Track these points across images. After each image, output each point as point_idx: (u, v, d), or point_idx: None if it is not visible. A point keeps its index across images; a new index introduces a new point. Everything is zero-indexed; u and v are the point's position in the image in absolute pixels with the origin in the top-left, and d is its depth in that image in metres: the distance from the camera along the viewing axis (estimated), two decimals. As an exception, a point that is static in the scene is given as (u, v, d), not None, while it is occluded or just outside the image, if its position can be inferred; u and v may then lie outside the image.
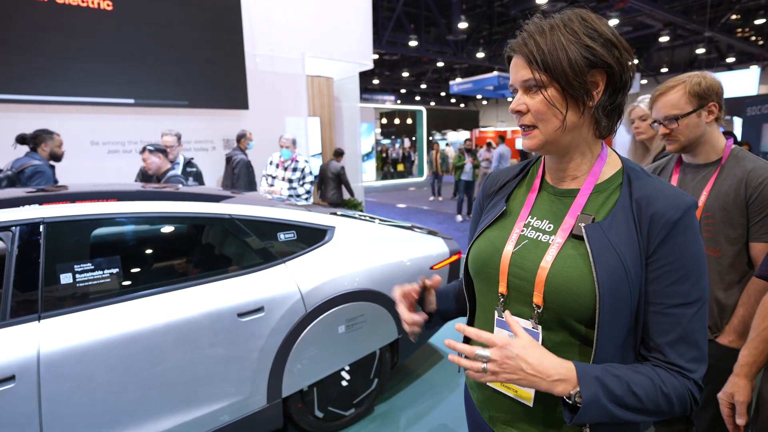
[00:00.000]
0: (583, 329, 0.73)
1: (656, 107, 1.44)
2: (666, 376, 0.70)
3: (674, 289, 0.70)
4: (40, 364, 1.41)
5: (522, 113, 0.76)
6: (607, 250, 0.71)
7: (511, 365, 0.67)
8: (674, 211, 0.70)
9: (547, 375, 0.67)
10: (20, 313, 1.44)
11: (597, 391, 0.67)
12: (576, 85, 0.71)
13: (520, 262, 0.79)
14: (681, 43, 18.23)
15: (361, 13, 6.85)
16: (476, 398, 0.93)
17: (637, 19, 14.70)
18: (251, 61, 5.65)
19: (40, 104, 4.30)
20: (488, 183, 0.98)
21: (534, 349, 0.69)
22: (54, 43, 4.26)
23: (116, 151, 4.81)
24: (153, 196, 2.00)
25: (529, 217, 0.84)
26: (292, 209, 2.29)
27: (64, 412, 1.45)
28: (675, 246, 0.70)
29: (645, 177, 0.77)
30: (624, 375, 0.69)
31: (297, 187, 4.53)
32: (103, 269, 1.63)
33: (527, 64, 0.73)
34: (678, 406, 0.70)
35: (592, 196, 0.78)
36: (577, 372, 0.68)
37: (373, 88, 25.06)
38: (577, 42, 0.70)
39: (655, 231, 0.71)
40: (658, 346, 0.72)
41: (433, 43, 16.43)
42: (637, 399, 0.68)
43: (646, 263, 0.72)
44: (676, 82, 1.39)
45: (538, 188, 0.86)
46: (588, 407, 0.66)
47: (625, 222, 0.73)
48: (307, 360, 2.04)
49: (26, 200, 1.68)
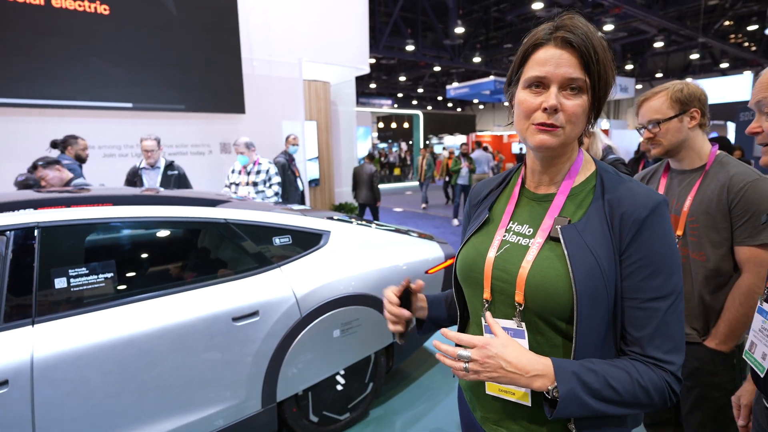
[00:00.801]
0: (564, 326, 0.76)
1: (641, 112, 1.49)
2: (644, 369, 0.72)
3: (647, 283, 0.73)
4: (33, 368, 1.41)
5: (556, 111, 0.73)
6: (582, 250, 0.74)
7: (491, 364, 0.71)
8: (642, 209, 0.73)
9: (525, 371, 0.70)
10: (14, 318, 1.44)
11: (574, 386, 0.69)
12: (604, 100, 0.76)
13: (503, 265, 0.82)
14: (675, 48, 18.42)
15: (357, 18, 6.89)
16: (469, 399, 0.94)
17: (632, 25, 14.84)
18: (248, 66, 5.67)
19: (38, 108, 4.30)
20: (474, 193, 1.01)
21: (512, 347, 0.72)
22: (51, 47, 4.26)
23: (112, 155, 4.80)
24: (148, 200, 2.00)
25: (510, 222, 0.87)
26: (288, 214, 2.30)
27: (58, 416, 1.45)
28: (644, 242, 0.73)
29: (617, 179, 0.80)
30: (601, 369, 0.72)
31: (264, 190, 4.32)
32: (97, 273, 1.63)
33: (581, 64, 0.72)
34: (657, 398, 0.72)
35: (569, 199, 0.81)
36: (554, 367, 0.71)
37: (371, 93, 25.14)
38: (612, 68, 0.75)
39: (626, 229, 0.74)
40: (635, 339, 0.74)
41: (430, 48, 16.51)
42: (614, 392, 0.70)
43: (619, 261, 0.74)
44: (660, 89, 1.44)
45: (517, 195, 0.89)
46: (565, 401, 0.69)
47: (599, 223, 0.76)
48: (301, 364, 2.04)
49: (22, 204, 1.68)
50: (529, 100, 0.76)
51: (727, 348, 1.38)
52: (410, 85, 25.41)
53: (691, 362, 1.44)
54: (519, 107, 0.78)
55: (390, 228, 2.84)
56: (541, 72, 0.74)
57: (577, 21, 0.73)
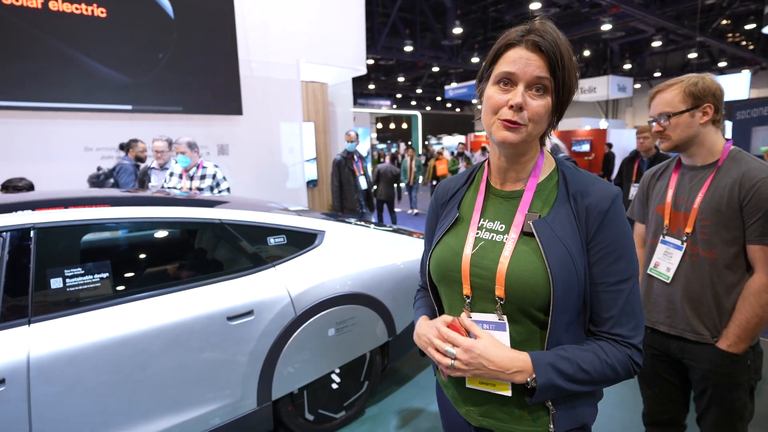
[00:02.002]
0: (542, 316, 0.81)
1: (653, 104, 1.46)
2: (609, 348, 0.81)
3: (613, 268, 0.80)
4: (30, 367, 1.43)
5: (521, 109, 0.77)
6: (554, 243, 0.80)
7: (475, 364, 0.78)
8: (605, 202, 0.81)
9: (506, 369, 0.78)
10: (10, 318, 1.46)
11: (551, 376, 0.77)
12: (566, 105, 0.82)
13: (480, 262, 0.85)
14: (673, 48, 18.43)
15: (354, 19, 6.91)
16: (451, 395, 0.96)
17: (630, 24, 14.86)
18: (245, 67, 5.69)
19: (36, 111, 4.32)
20: (440, 192, 1.03)
21: (494, 348, 0.79)
22: (50, 50, 4.29)
23: (110, 156, 4.82)
24: (143, 201, 2.02)
25: (481, 220, 0.90)
26: (283, 214, 2.32)
27: (54, 415, 1.47)
28: (608, 231, 0.80)
29: (577, 172, 0.87)
30: (573, 356, 0.79)
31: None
32: (93, 274, 1.65)
33: (548, 66, 0.76)
34: (622, 372, 0.81)
35: (535, 195, 0.86)
36: (533, 362, 0.78)
37: (369, 93, 25.16)
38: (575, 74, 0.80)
39: (591, 220, 0.81)
40: (603, 320, 0.82)
41: (428, 48, 16.53)
42: (586, 374, 0.79)
43: (587, 249, 0.81)
44: (674, 81, 1.41)
45: (484, 192, 0.92)
46: (543, 389, 0.77)
47: (566, 215, 0.82)
48: (296, 363, 2.06)
49: (18, 206, 1.70)
50: (496, 96, 0.80)
51: (738, 350, 1.34)
52: (409, 85, 25.43)
53: (702, 365, 1.41)
54: (487, 102, 0.82)
55: (387, 228, 2.86)
56: (510, 68, 0.78)
57: (547, 27, 0.78)
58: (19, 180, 3.32)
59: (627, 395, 2.57)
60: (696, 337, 1.41)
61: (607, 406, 2.53)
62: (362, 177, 5.01)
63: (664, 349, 1.53)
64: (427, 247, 1.02)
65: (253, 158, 5.95)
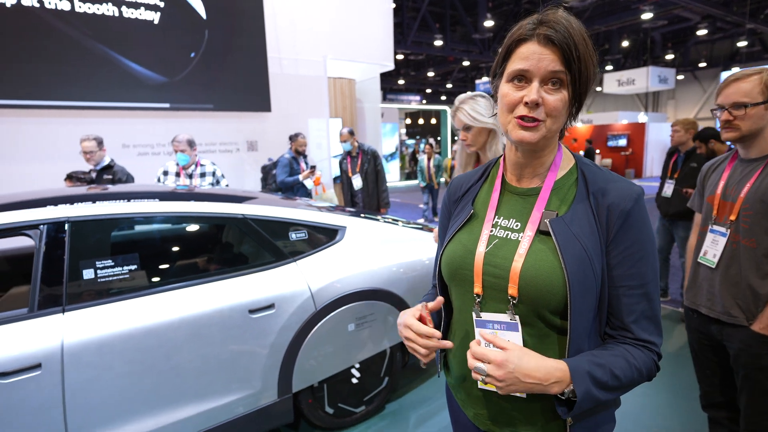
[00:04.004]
0: (557, 320, 0.78)
1: (725, 93, 1.46)
2: (636, 352, 0.77)
3: (635, 271, 0.77)
4: (63, 353, 1.51)
5: (537, 105, 0.75)
6: (571, 242, 0.76)
7: (511, 379, 0.72)
8: (627, 201, 0.77)
9: (543, 380, 0.72)
10: (46, 306, 1.55)
11: (589, 386, 0.73)
12: (584, 96, 0.78)
13: (493, 260, 0.82)
14: (721, 36, 17.39)
15: (382, 15, 6.89)
16: (460, 398, 0.94)
17: (673, 13, 14.12)
18: (274, 64, 5.78)
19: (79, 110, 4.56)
20: (453, 188, 1.00)
21: (528, 358, 0.73)
22: (90, 52, 4.51)
23: (146, 153, 5.03)
24: (171, 196, 2.09)
25: (495, 217, 0.87)
26: (304, 209, 2.34)
27: (86, 399, 1.55)
28: (631, 232, 0.77)
29: (597, 171, 0.83)
30: (606, 362, 0.75)
31: None
32: (122, 266, 1.73)
33: (562, 60, 0.73)
34: (646, 375, 0.79)
35: (553, 193, 0.82)
36: (571, 372, 0.73)
37: (399, 89, 25.07)
38: (593, 62, 0.76)
39: (613, 220, 0.77)
40: (625, 324, 0.79)
41: (458, 42, 16.30)
42: (618, 380, 0.75)
43: (606, 250, 0.78)
44: (752, 72, 1.42)
45: (500, 188, 0.89)
46: (582, 401, 0.73)
47: (584, 214, 0.78)
48: (316, 357, 2.09)
49: (52, 200, 1.80)
50: (511, 93, 0.77)
51: None
52: (439, 80, 25.18)
53: (734, 344, 1.49)
54: (502, 100, 0.79)
55: (412, 225, 2.84)
56: (523, 65, 0.75)
57: (559, 16, 0.74)
58: (82, 173, 3.51)
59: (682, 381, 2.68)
60: (730, 319, 1.49)
61: (661, 392, 2.63)
62: (356, 176, 4.69)
63: (706, 332, 1.61)
64: (440, 245, 0.99)
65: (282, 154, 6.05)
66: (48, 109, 4.44)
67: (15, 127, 4.32)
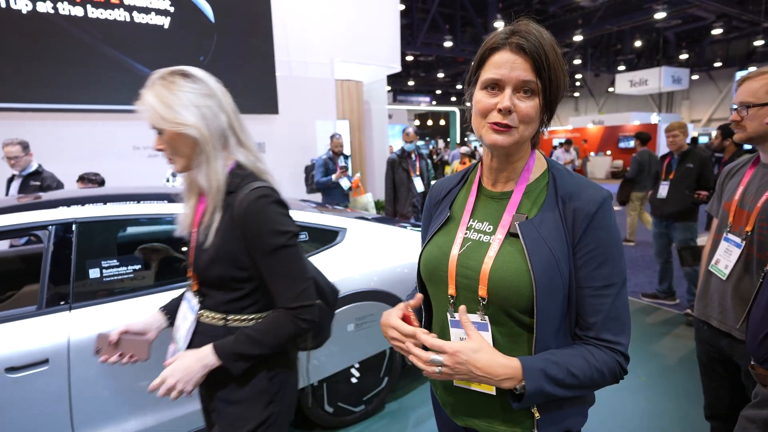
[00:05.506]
0: (523, 317, 0.81)
1: (738, 91, 1.42)
2: (597, 353, 0.79)
3: (598, 272, 0.79)
4: (70, 349, 1.57)
5: (510, 112, 0.77)
6: (539, 245, 0.79)
7: (462, 369, 0.75)
8: (592, 205, 0.80)
9: (495, 375, 0.75)
10: (54, 303, 1.61)
11: (541, 383, 0.75)
12: (555, 104, 0.81)
13: (466, 262, 0.85)
14: (736, 35, 17.10)
15: (389, 17, 6.93)
16: (439, 396, 0.98)
17: (687, 12, 13.93)
18: (281, 67, 5.85)
19: (91, 113, 4.68)
20: (434, 192, 1.04)
21: (482, 353, 0.76)
22: (103, 56, 4.62)
23: (156, 155, 5.12)
24: (173, 198, 2.15)
25: (470, 220, 0.90)
26: (304, 211, 2.39)
27: (92, 394, 1.61)
28: (594, 235, 0.79)
29: (567, 175, 0.86)
30: (563, 360, 0.77)
31: None
32: (127, 266, 1.78)
33: (534, 68, 0.76)
34: (609, 377, 0.80)
35: (525, 196, 0.86)
36: (523, 369, 0.76)
37: (408, 90, 25.11)
38: (563, 71, 0.79)
39: (578, 223, 0.80)
40: (589, 325, 0.81)
41: (468, 43, 16.27)
42: (575, 378, 0.77)
43: (573, 252, 0.80)
44: (764, 71, 1.36)
45: (476, 193, 0.92)
46: (530, 396, 0.76)
47: (553, 218, 0.81)
48: (316, 356, 2.12)
49: (61, 202, 1.86)
50: (484, 100, 0.79)
51: None
52: (448, 81, 25.16)
53: (746, 361, 1.41)
54: (476, 106, 0.81)
55: (413, 227, 2.86)
56: (496, 74, 0.77)
57: (531, 27, 0.77)
58: (93, 174, 3.60)
59: (688, 389, 2.66)
60: (742, 335, 1.40)
61: (670, 397, 2.62)
62: (417, 178, 4.46)
63: (716, 345, 1.53)
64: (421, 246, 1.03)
65: (289, 156, 6.12)
66: (61, 113, 4.56)
67: (29, 130, 4.45)
